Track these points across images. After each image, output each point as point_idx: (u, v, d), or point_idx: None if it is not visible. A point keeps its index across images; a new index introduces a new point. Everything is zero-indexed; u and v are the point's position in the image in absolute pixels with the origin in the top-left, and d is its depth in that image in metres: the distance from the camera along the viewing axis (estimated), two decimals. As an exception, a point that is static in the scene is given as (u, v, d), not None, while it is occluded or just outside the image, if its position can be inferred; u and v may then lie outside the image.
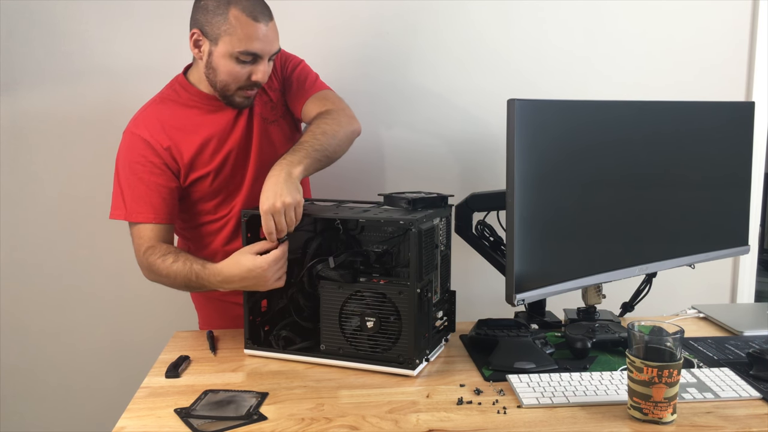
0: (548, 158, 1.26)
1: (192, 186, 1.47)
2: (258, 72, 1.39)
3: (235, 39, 1.35)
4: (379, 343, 1.27)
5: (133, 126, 1.44)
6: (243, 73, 1.39)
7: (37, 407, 1.96)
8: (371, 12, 1.89)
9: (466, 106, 1.95)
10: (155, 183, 1.41)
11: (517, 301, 1.23)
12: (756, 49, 1.99)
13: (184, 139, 1.44)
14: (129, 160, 1.42)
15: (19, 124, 1.85)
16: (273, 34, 1.39)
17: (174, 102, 1.47)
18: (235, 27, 1.34)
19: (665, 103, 1.47)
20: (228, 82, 1.40)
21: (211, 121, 1.47)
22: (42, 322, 1.93)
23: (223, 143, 1.47)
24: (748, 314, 1.65)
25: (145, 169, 1.41)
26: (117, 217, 1.43)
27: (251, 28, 1.34)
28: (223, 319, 1.58)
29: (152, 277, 1.41)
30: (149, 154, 1.41)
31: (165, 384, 1.24)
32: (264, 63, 1.39)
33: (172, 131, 1.43)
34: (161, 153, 1.41)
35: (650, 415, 1.05)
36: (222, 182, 1.49)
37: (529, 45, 1.94)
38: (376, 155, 1.94)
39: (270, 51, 1.40)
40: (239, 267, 1.29)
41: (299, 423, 1.08)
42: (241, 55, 1.36)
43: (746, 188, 1.61)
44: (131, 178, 1.41)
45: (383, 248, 1.32)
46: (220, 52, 1.37)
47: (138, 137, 1.42)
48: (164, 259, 1.36)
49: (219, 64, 1.38)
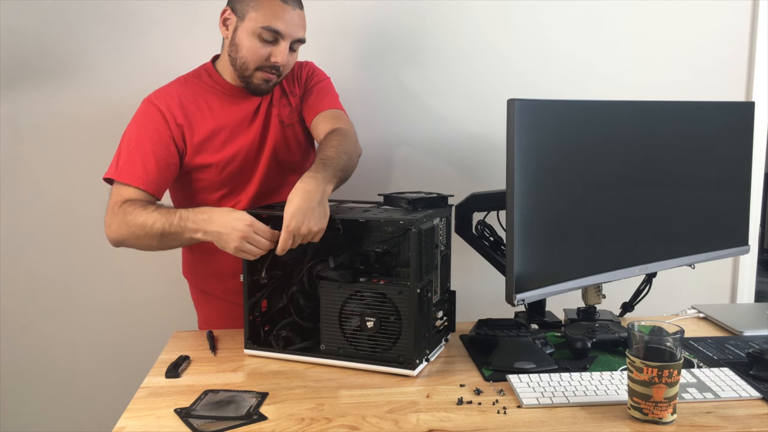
0: (548, 158, 1.26)
1: (196, 172, 1.48)
2: (278, 53, 1.42)
3: (260, 15, 1.39)
4: (379, 343, 1.27)
5: (153, 96, 1.46)
6: (263, 52, 1.42)
7: (37, 407, 1.96)
8: (371, 12, 1.89)
9: (466, 106, 1.95)
10: (156, 152, 1.41)
11: (517, 301, 1.23)
12: (756, 49, 1.99)
13: (199, 120, 1.46)
14: (138, 124, 1.43)
15: (19, 124, 1.85)
16: (299, 20, 1.43)
17: (197, 85, 1.50)
18: (263, 4, 1.39)
19: (665, 103, 1.47)
20: (248, 59, 1.42)
21: (229, 111, 1.49)
22: (42, 322, 1.93)
23: (235, 136, 1.49)
24: (748, 314, 1.65)
25: (153, 138, 1.41)
26: (108, 175, 1.41)
27: (278, 7, 1.39)
28: (223, 319, 1.58)
29: (121, 230, 1.35)
30: (160, 125, 1.42)
31: (165, 384, 1.24)
32: (285, 45, 1.42)
33: (190, 110, 1.46)
34: (172, 127, 1.43)
35: (650, 415, 1.05)
36: (229, 175, 1.49)
37: (529, 45, 1.94)
38: (376, 155, 1.94)
39: (292, 35, 1.42)
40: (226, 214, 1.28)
41: (299, 423, 1.08)
42: (264, 32, 1.39)
43: (746, 188, 1.61)
44: (133, 142, 1.41)
45: (383, 248, 1.32)
46: (245, 28, 1.41)
47: (154, 107, 1.44)
48: (144, 207, 1.35)
49: (242, 40, 1.42)
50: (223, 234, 1.27)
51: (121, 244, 1.38)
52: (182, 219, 1.32)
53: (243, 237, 1.26)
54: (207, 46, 1.59)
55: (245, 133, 1.50)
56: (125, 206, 1.36)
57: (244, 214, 1.28)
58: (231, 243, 1.27)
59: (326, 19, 1.86)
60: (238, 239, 1.26)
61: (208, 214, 1.30)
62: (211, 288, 1.63)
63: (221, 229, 1.27)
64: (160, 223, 1.32)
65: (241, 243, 1.26)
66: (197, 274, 1.64)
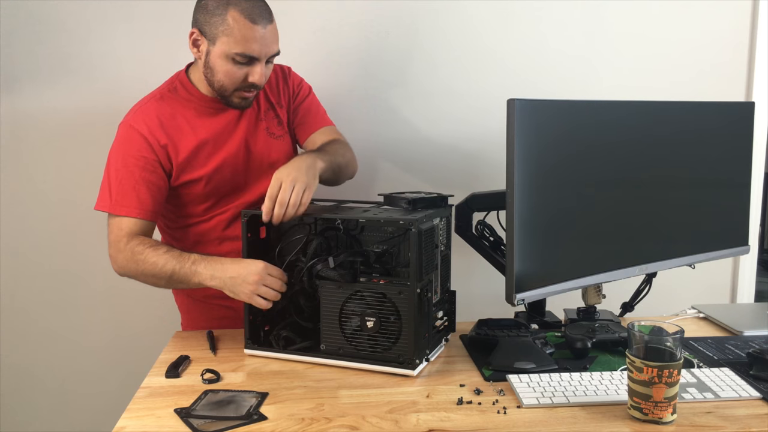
0: (548, 158, 1.26)
1: (183, 188, 1.46)
2: (255, 74, 1.39)
3: (232, 40, 1.34)
4: (379, 343, 1.27)
5: (132, 120, 1.43)
6: (240, 74, 1.39)
7: (37, 407, 1.96)
8: (371, 12, 1.88)
9: (466, 106, 1.95)
10: (146, 179, 1.40)
11: (517, 301, 1.23)
12: (756, 50, 1.99)
13: (181, 139, 1.44)
14: (123, 153, 1.41)
15: (19, 124, 1.85)
16: (271, 36, 1.39)
17: (173, 100, 1.47)
18: (232, 28, 1.34)
19: (665, 103, 1.47)
20: (225, 82, 1.40)
21: (209, 124, 1.47)
22: (42, 322, 1.93)
23: (219, 148, 1.47)
24: (748, 314, 1.65)
25: (138, 164, 1.39)
26: (101, 208, 1.41)
27: (249, 30, 1.34)
28: (207, 321, 1.57)
29: (129, 267, 1.37)
30: (144, 150, 1.40)
31: (165, 384, 1.24)
32: (261, 65, 1.39)
33: (171, 130, 1.43)
34: (157, 150, 1.41)
35: (650, 415, 1.05)
36: (214, 187, 1.48)
37: (528, 45, 1.94)
38: (376, 155, 1.94)
39: (267, 53, 1.39)
40: (240, 261, 1.31)
41: (299, 423, 1.08)
42: (237, 56, 1.36)
43: (746, 188, 1.61)
44: (122, 171, 1.40)
45: (383, 248, 1.32)
46: (217, 52, 1.37)
47: (136, 132, 1.41)
48: (155, 248, 1.35)
49: (216, 64, 1.38)
50: (237, 279, 1.29)
51: (127, 276, 1.41)
52: (195, 264, 1.33)
53: (258, 279, 1.28)
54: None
55: (228, 143, 1.48)
56: (134, 244, 1.36)
57: (258, 261, 1.30)
58: (246, 287, 1.28)
59: (326, 20, 1.86)
60: (254, 282, 1.28)
61: (221, 263, 1.32)
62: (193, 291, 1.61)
63: (236, 275, 1.29)
64: (170, 265, 1.33)
65: (256, 286, 1.28)
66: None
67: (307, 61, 1.68)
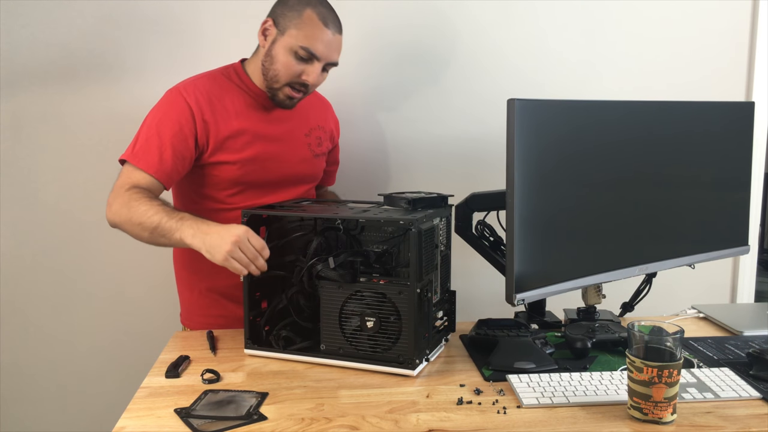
0: (548, 158, 1.27)
1: (214, 168, 1.48)
2: (311, 73, 1.44)
3: (301, 34, 1.41)
4: (379, 343, 1.27)
5: (183, 88, 1.46)
6: (297, 69, 1.44)
7: (36, 407, 1.96)
8: (371, 12, 1.89)
9: (466, 106, 1.95)
10: (174, 143, 1.41)
11: (517, 301, 1.23)
12: (756, 50, 1.99)
13: (225, 119, 1.47)
14: (162, 111, 1.44)
15: (19, 123, 1.85)
16: (336, 45, 1.47)
17: (225, 83, 1.52)
18: (305, 23, 1.41)
19: (665, 103, 1.47)
20: (280, 73, 1.44)
21: (254, 115, 1.51)
22: (42, 322, 1.93)
23: (257, 141, 1.50)
24: (748, 314, 1.65)
25: (174, 129, 1.42)
26: (124, 156, 1.43)
27: (319, 30, 1.42)
28: (206, 317, 1.58)
29: (121, 212, 1.36)
30: (184, 118, 1.43)
31: (165, 384, 1.24)
32: (318, 66, 1.45)
33: (217, 108, 1.47)
34: (198, 123, 1.44)
35: (650, 415, 1.05)
36: (245, 174, 1.50)
37: (529, 45, 1.94)
38: (376, 155, 1.94)
39: (328, 58, 1.46)
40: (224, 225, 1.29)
41: (299, 423, 1.08)
42: (300, 50, 1.42)
43: (746, 188, 1.61)
44: (154, 128, 1.42)
45: (383, 248, 1.32)
46: (283, 43, 1.43)
47: (183, 99, 1.44)
48: (151, 199, 1.36)
49: (278, 54, 1.44)
50: (215, 238, 1.27)
51: (117, 226, 1.39)
52: (181, 220, 1.32)
53: (236, 241, 1.25)
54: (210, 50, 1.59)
55: (269, 140, 1.52)
56: (133, 191, 1.37)
57: (241, 226, 1.29)
58: (223, 247, 1.25)
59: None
60: (232, 243, 1.25)
61: (207, 224, 1.31)
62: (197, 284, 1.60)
63: (215, 235, 1.27)
64: (158, 217, 1.32)
65: (233, 247, 1.25)
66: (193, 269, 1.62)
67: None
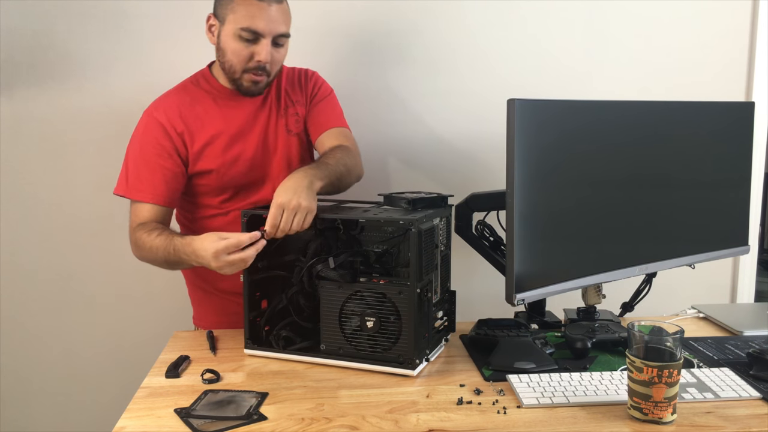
0: (548, 158, 1.26)
1: (197, 178, 1.49)
2: (260, 52, 1.41)
3: (238, 16, 1.39)
4: (379, 343, 1.27)
5: (153, 108, 1.48)
6: (246, 52, 1.41)
7: (37, 408, 1.96)
8: (372, 12, 1.89)
9: (466, 106, 1.95)
10: (161, 165, 1.43)
11: (517, 301, 1.23)
12: (756, 50, 1.99)
13: (198, 128, 1.47)
14: (141, 140, 1.45)
15: (18, 124, 1.84)
16: (278, 15, 1.41)
17: (195, 91, 1.51)
18: (239, 5, 1.38)
19: (665, 104, 1.47)
20: (233, 62, 1.43)
21: (227, 115, 1.50)
22: (42, 322, 1.93)
23: (235, 141, 1.49)
24: (748, 314, 1.65)
25: (154, 151, 1.43)
26: (118, 192, 1.46)
27: (254, 6, 1.38)
28: (219, 316, 1.58)
29: (138, 253, 1.43)
30: (161, 138, 1.44)
31: (165, 384, 1.24)
32: (266, 42, 1.41)
33: (189, 118, 1.47)
34: (173, 137, 1.44)
35: (650, 415, 1.05)
36: (231, 180, 1.50)
37: (529, 45, 1.94)
38: (376, 155, 1.94)
39: (273, 31, 1.40)
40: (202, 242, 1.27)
41: (299, 423, 1.08)
42: (243, 32, 1.39)
43: (746, 188, 1.61)
44: (138, 158, 1.44)
45: (383, 248, 1.32)
46: (226, 31, 1.41)
47: (154, 120, 1.45)
48: (150, 233, 1.38)
49: (226, 44, 1.43)
50: (203, 260, 1.27)
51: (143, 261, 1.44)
52: (177, 251, 1.33)
53: (215, 254, 1.24)
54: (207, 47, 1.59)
55: (246, 137, 1.50)
56: (137, 230, 1.41)
57: (208, 234, 1.28)
58: (212, 264, 1.25)
59: (326, 20, 1.86)
60: (212, 258, 1.24)
61: (191, 246, 1.30)
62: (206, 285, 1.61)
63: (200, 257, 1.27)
64: (161, 250, 1.36)
65: (218, 260, 1.24)
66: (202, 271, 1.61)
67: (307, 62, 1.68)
